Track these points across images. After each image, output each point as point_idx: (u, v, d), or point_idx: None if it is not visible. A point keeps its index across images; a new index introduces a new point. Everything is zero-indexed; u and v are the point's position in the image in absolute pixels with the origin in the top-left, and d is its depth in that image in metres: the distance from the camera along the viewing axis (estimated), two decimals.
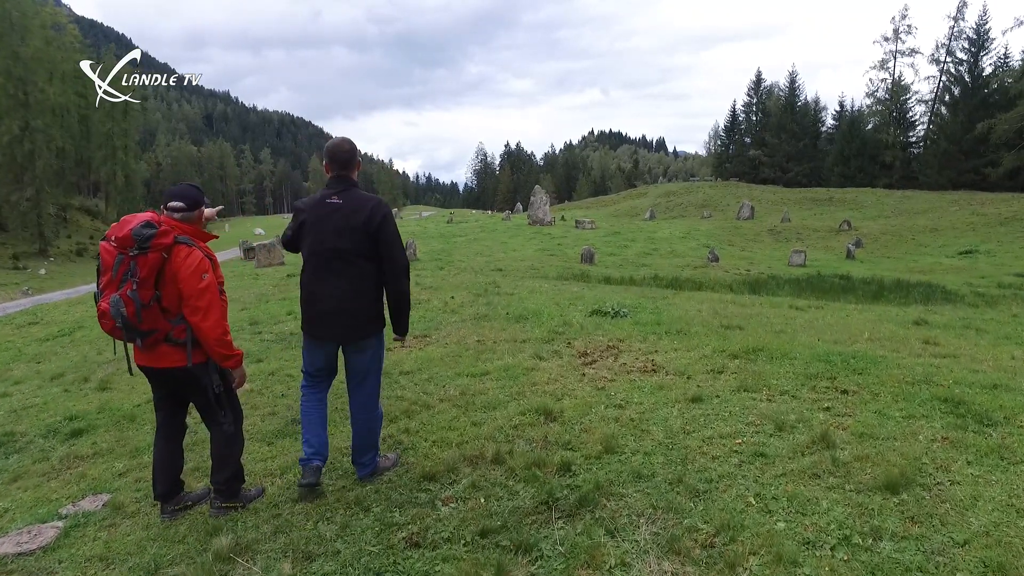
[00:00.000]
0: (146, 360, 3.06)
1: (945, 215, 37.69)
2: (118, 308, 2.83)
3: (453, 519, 2.91)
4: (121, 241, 2.88)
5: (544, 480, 3.21)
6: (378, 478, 3.42)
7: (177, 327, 2.99)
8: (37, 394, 6.21)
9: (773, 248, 30.92)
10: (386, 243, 3.22)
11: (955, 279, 19.95)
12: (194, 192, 3.18)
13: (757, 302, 10.23)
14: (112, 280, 2.89)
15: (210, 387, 3.09)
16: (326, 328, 3.25)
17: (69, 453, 4.30)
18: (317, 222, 3.20)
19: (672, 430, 3.80)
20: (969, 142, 45.62)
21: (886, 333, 6.62)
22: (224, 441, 3.20)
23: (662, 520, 2.79)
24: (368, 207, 3.19)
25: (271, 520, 3.06)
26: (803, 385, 4.51)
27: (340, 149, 3.27)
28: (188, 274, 2.93)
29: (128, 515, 3.30)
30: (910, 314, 8.87)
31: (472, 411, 4.31)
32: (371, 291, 3.26)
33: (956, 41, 49.46)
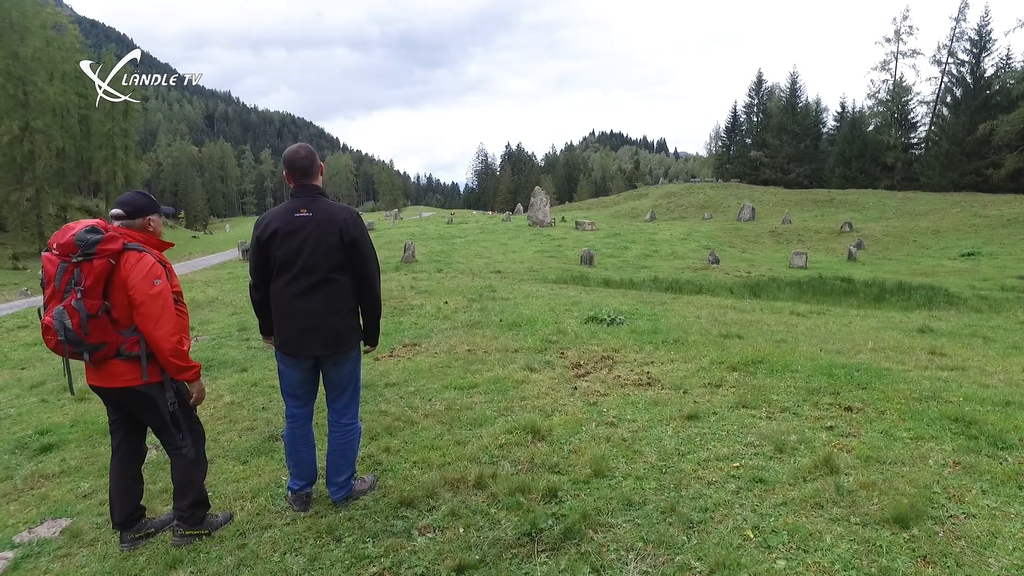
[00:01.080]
0: (97, 379, 2.85)
1: (947, 217, 37.44)
2: (61, 320, 2.63)
3: (429, 552, 2.71)
4: (63, 248, 2.68)
5: (528, 508, 3.01)
6: (352, 503, 3.22)
7: (129, 339, 2.78)
8: (14, 404, 6.01)
9: (774, 250, 30.70)
10: (360, 255, 3.03)
11: (958, 281, 19.74)
12: (138, 199, 2.98)
13: (757, 307, 10.02)
14: (56, 291, 2.69)
15: (164, 406, 2.88)
16: (302, 345, 3.05)
17: (35, 471, 4.09)
18: (287, 238, 2.97)
19: (666, 451, 3.60)
20: (971, 143, 45.31)
21: (890, 342, 6.42)
22: (184, 466, 3.00)
23: (652, 556, 2.59)
24: (340, 219, 2.99)
25: (236, 551, 2.86)
26: (805, 401, 4.30)
27: (297, 156, 3.03)
28: (139, 279, 2.73)
29: (85, 543, 3.10)
30: (914, 321, 8.66)
31: (457, 428, 4.11)
32: (347, 304, 3.07)
33: (958, 42, 49.16)
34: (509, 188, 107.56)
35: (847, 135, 53.94)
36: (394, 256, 20.29)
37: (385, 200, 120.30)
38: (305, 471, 3.19)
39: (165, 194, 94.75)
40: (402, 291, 10.61)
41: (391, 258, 19.84)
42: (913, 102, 52.73)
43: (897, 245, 32.35)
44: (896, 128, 51.65)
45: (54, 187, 46.78)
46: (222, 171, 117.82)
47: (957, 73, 49.19)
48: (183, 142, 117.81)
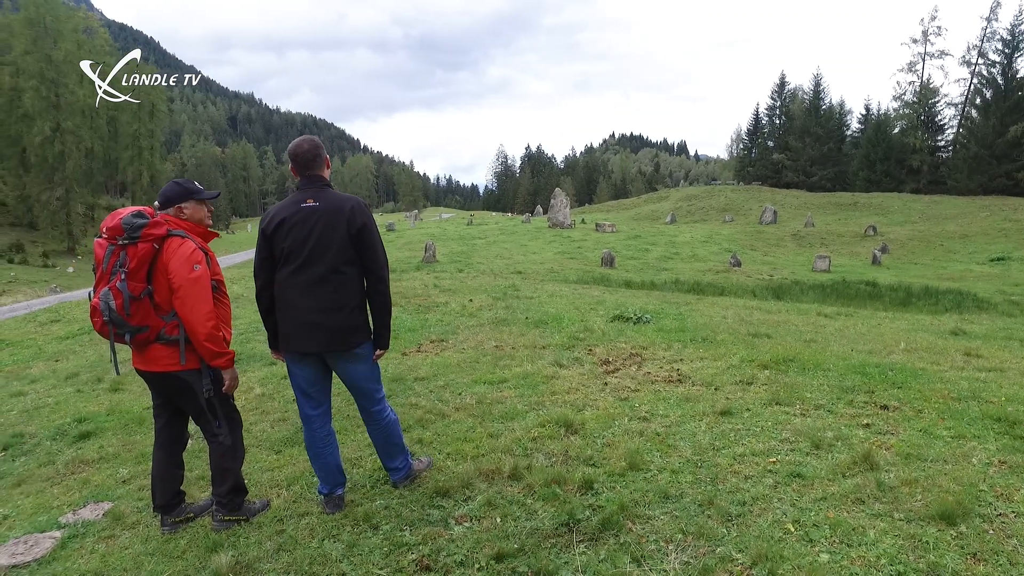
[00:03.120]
0: (140, 363, 2.92)
1: (975, 221, 36.69)
2: (107, 301, 2.71)
3: (467, 540, 2.72)
4: (111, 232, 2.76)
5: (565, 499, 3.00)
6: (405, 484, 3.26)
7: (169, 323, 2.85)
8: (51, 394, 6.15)
9: (796, 253, 30.31)
10: (368, 246, 2.94)
11: (987, 287, 19.31)
12: (169, 189, 3.02)
13: (783, 309, 9.91)
14: (104, 273, 2.77)
15: (200, 392, 2.93)
16: (306, 340, 2.92)
17: (75, 457, 4.19)
18: (293, 228, 2.88)
19: (700, 446, 3.57)
20: (1001, 146, 44.32)
21: (923, 343, 6.30)
22: (221, 453, 3.04)
23: (692, 547, 2.57)
24: (347, 208, 2.91)
25: (275, 536, 2.89)
26: (839, 399, 4.24)
27: (300, 149, 2.97)
28: (179, 264, 2.79)
29: (128, 526, 3.16)
30: (945, 323, 8.50)
31: (489, 421, 4.11)
32: (354, 299, 2.95)
33: (989, 42, 48.12)
34: (528, 190, 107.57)
35: (872, 137, 53.08)
36: (415, 256, 20.40)
37: (405, 201, 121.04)
38: (331, 475, 3.11)
39: None
40: (425, 289, 10.66)
41: (412, 258, 19.95)
42: (940, 104, 51.72)
43: (923, 249, 31.74)
44: (922, 130, 50.70)
45: (82, 187, 47.84)
46: (244, 171, 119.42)
47: (987, 74, 48.14)
48: (206, 143, 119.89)
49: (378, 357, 3.12)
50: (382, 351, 3.11)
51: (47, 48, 43.61)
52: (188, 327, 2.81)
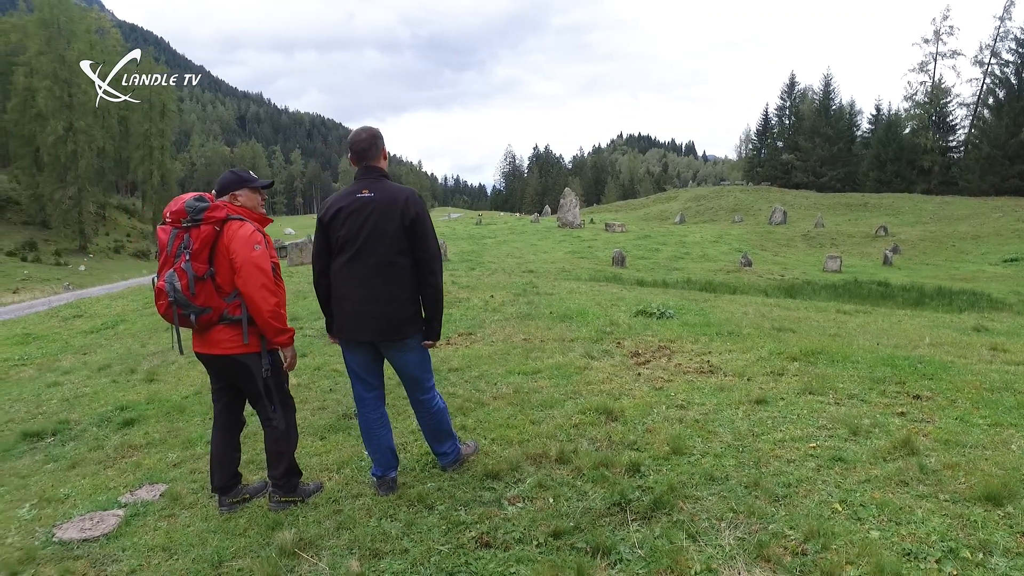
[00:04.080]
0: (201, 346, 3.01)
1: (987, 222, 36.49)
2: (172, 282, 2.80)
3: (523, 519, 2.80)
4: (175, 215, 2.87)
5: (614, 481, 3.08)
6: (453, 468, 3.35)
7: (232, 304, 2.94)
8: (87, 384, 6.28)
9: (807, 253, 30.26)
10: (422, 238, 3.00)
11: (1001, 287, 19.24)
12: (224, 177, 3.15)
13: (801, 306, 9.95)
14: (168, 256, 2.87)
15: (259, 377, 3.01)
16: (359, 330, 3.00)
17: (123, 442, 4.30)
18: (349, 218, 2.95)
19: (740, 432, 3.64)
20: (1014, 146, 44.06)
21: (947, 339, 6.35)
22: (276, 438, 3.12)
23: (744, 524, 2.64)
24: (402, 199, 2.97)
25: (332, 516, 2.98)
26: (871, 389, 4.30)
27: (358, 139, 3.04)
28: (240, 243, 2.88)
29: (186, 506, 3.26)
30: (966, 321, 8.53)
31: (528, 409, 4.20)
32: (407, 291, 3.01)
33: (1002, 42, 47.95)
34: (536, 190, 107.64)
35: (882, 138, 52.93)
36: None
37: None
38: (385, 457, 3.17)
39: None
40: (444, 285, 10.77)
41: None
42: (952, 104, 51.57)
43: (935, 250, 31.60)
44: (934, 131, 50.52)
45: (94, 186, 48.28)
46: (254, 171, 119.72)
47: (1001, 74, 47.96)
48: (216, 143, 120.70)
49: (428, 347, 3.19)
50: (432, 342, 3.18)
51: (60, 48, 44.06)
52: (251, 305, 2.90)
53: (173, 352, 7.39)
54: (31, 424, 4.98)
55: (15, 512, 3.39)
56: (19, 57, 44.56)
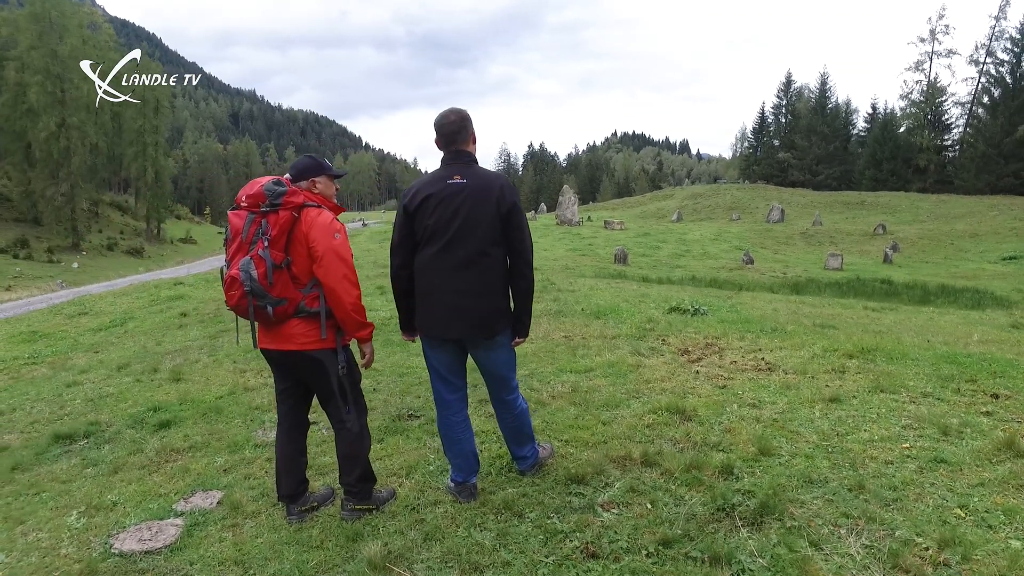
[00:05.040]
0: (272, 342, 2.76)
1: (985, 220, 36.65)
2: (248, 270, 2.56)
3: (623, 527, 2.62)
4: (252, 199, 2.63)
5: (710, 484, 2.91)
6: (532, 472, 3.17)
7: (309, 295, 2.72)
8: (108, 384, 6.03)
9: (806, 251, 30.26)
10: (517, 227, 2.80)
11: (1003, 285, 19.22)
12: (303, 161, 2.91)
13: (826, 303, 9.83)
14: (243, 243, 2.61)
15: (334, 375, 2.81)
16: (448, 326, 2.80)
17: (163, 446, 4.08)
18: (439, 205, 2.73)
19: (823, 432, 3.49)
20: (1009, 145, 44.32)
21: (993, 336, 6.24)
22: (350, 440, 2.91)
23: (867, 531, 2.48)
24: (498, 187, 2.77)
25: (415, 525, 2.78)
26: (943, 387, 4.16)
27: (446, 121, 2.81)
28: (320, 232, 2.66)
29: (249, 515, 3.04)
30: (997, 319, 8.44)
31: (593, 409, 4.02)
32: (500, 284, 2.81)
33: (997, 41, 48.18)
34: (532, 188, 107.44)
35: (878, 136, 53.11)
36: None
37: None
38: (468, 463, 2.98)
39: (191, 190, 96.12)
40: None
41: None
42: (948, 103, 51.82)
43: (933, 248, 31.68)
44: (929, 130, 50.74)
45: (87, 183, 47.59)
46: (247, 168, 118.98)
47: (996, 73, 48.20)
48: (209, 139, 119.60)
49: (517, 344, 3.00)
50: (522, 339, 2.99)
51: (52, 43, 43.40)
52: (333, 296, 2.69)
53: (195, 350, 7.18)
54: (60, 426, 4.74)
55: (64, 520, 3.17)
56: (10, 52, 43.85)
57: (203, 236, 57.68)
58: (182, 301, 11.82)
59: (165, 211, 53.36)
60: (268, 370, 5.87)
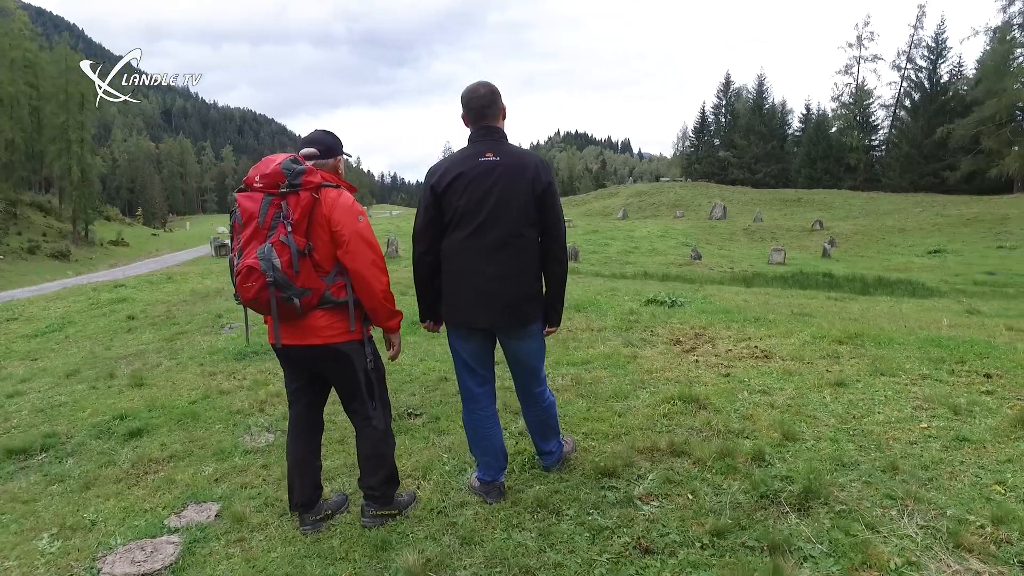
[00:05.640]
0: (292, 336, 2.47)
1: (911, 216, 38.80)
2: (269, 259, 2.27)
3: (669, 519, 2.51)
4: (268, 179, 2.34)
5: (746, 472, 2.84)
6: (557, 467, 3.02)
7: (334, 284, 2.46)
8: (58, 392, 5.50)
9: (749, 247, 31.24)
10: (551, 208, 2.64)
11: (931, 277, 20.33)
12: (328, 137, 2.64)
13: (789, 294, 10.09)
14: (259, 228, 2.33)
15: (361, 369, 2.58)
16: (479, 313, 2.62)
17: (139, 456, 3.70)
18: (470, 185, 2.54)
19: (839, 415, 3.49)
20: (929, 146, 47.19)
21: (960, 322, 6.49)
22: (375, 440, 2.67)
23: (917, 511, 2.45)
24: (532, 165, 2.60)
25: (447, 529, 2.58)
26: (938, 369, 4.26)
27: (476, 94, 2.62)
28: (343, 214, 2.41)
29: (255, 527, 2.76)
30: (951, 306, 8.84)
31: (602, 400, 3.90)
32: (534, 267, 2.65)
33: (916, 49, 51.23)
34: None
35: (812, 136, 55.55)
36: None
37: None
38: (497, 460, 2.80)
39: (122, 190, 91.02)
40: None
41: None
42: (874, 105, 54.69)
43: (867, 243, 33.26)
44: (858, 130, 53.42)
45: (3, 181, 44.26)
46: (181, 168, 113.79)
47: (915, 78, 51.26)
48: (139, 137, 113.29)
49: (549, 334, 2.84)
50: (554, 327, 2.83)
51: None
52: (362, 284, 2.45)
53: (152, 354, 6.66)
54: (9, 440, 4.26)
55: (33, 544, 2.80)
56: None
57: (135, 238, 54.68)
58: (126, 304, 11.07)
59: (93, 212, 50.07)
60: (241, 372, 5.49)
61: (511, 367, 2.88)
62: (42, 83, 48.71)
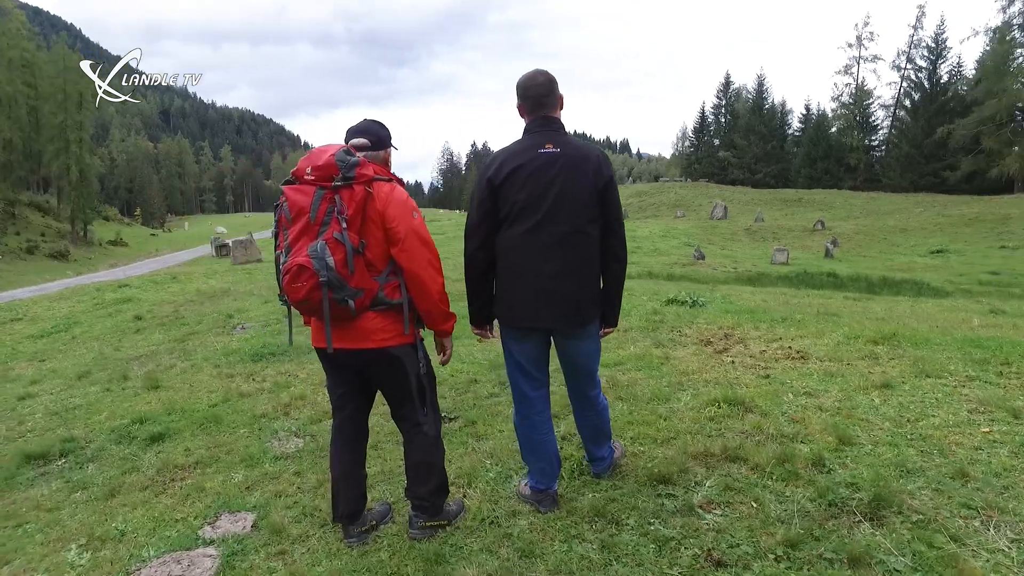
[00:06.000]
0: (343, 340, 2.30)
1: (912, 216, 38.77)
2: (323, 257, 2.12)
3: (737, 529, 2.38)
4: (321, 171, 2.19)
5: (809, 478, 2.71)
6: (608, 474, 2.90)
7: (388, 284, 2.32)
8: (71, 395, 5.37)
9: (752, 247, 31.14)
10: (613, 205, 2.52)
11: (935, 277, 20.23)
12: (379, 128, 2.51)
13: (803, 295, 9.98)
14: (310, 224, 2.17)
15: (413, 373, 2.44)
16: (537, 312, 2.48)
17: (164, 462, 3.56)
18: (531, 177, 2.41)
19: (892, 418, 3.36)
20: (929, 146, 47.20)
21: (990, 321, 6.38)
22: (426, 447, 2.53)
23: (1004, 522, 2.33)
24: (595, 157, 2.48)
25: (503, 541, 2.45)
26: (984, 371, 4.13)
27: (534, 83, 2.50)
28: (398, 210, 2.27)
29: (296, 539, 2.63)
30: (972, 306, 8.73)
31: (642, 403, 3.78)
32: (595, 265, 2.52)
33: (916, 49, 51.26)
34: None
35: (812, 136, 55.55)
36: None
37: None
38: (552, 467, 2.67)
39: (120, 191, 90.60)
40: None
41: None
42: (874, 105, 54.72)
43: (869, 243, 33.21)
44: (858, 130, 53.43)
45: (1, 181, 43.99)
46: (180, 168, 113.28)
47: (915, 78, 51.29)
48: (138, 137, 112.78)
49: (606, 335, 2.72)
50: (612, 328, 2.71)
51: None
52: (418, 285, 2.32)
53: (164, 355, 6.50)
54: (26, 444, 4.14)
55: (62, 556, 2.67)
56: None
57: (134, 238, 54.39)
58: (132, 304, 10.92)
59: (92, 212, 49.76)
60: (259, 374, 5.35)
61: (566, 369, 2.75)
62: (40, 83, 48.42)
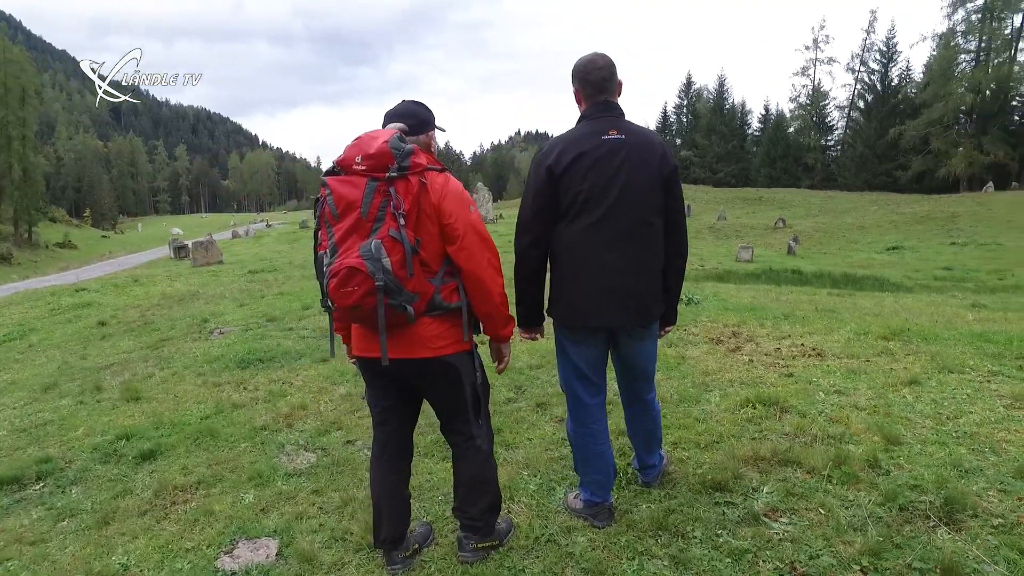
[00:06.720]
0: (396, 349, 2.03)
1: (868, 214, 40.01)
2: (378, 258, 1.86)
3: (812, 538, 2.25)
4: (374, 160, 1.91)
5: (870, 481, 2.60)
6: (658, 482, 2.75)
7: (444, 286, 2.07)
8: (37, 409, 4.92)
9: (716, 245, 31.57)
10: (676, 195, 2.34)
11: (894, 272, 20.84)
12: (421, 109, 2.24)
13: (788, 291, 10.05)
14: (362, 220, 1.90)
15: (469, 383, 2.20)
16: (604, 312, 2.30)
17: (161, 483, 3.24)
18: (595, 166, 2.22)
19: (931, 416, 3.30)
20: (882, 146, 48.93)
21: (983, 316, 6.49)
22: (479, 462, 2.30)
23: None
24: (659, 145, 2.30)
25: (565, 561, 2.25)
26: (1004, 365, 4.13)
27: (595, 66, 2.31)
28: (455, 203, 2.02)
29: (330, 568, 2.37)
30: (955, 300, 8.92)
31: (671, 405, 3.63)
32: (659, 261, 2.35)
33: (868, 52, 53.10)
34: None
35: (772, 136, 56.91)
36: None
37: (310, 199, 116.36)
38: (608, 479, 2.51)
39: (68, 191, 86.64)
40: None
41: None
42: (830, 107, 56.44)
43: (828, 240, 34.11)
44: (815, 131, 55.02)
45: None
46: (132, 168, 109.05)
47: (868, 81, 53.10)
48: (86, 135, 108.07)
49: (666, 334, 2.56)
50: (671, 326, 2.55)
51: None
52: (479, 287, 2.07)
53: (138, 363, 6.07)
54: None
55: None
56: None
57: (84, 240, 52.08)
58: (92, 308, 10.30)
59: (37, 213, 47.44)
60: (250, 382, 5.01)
61: (622, 372, 2.57)
62: None
